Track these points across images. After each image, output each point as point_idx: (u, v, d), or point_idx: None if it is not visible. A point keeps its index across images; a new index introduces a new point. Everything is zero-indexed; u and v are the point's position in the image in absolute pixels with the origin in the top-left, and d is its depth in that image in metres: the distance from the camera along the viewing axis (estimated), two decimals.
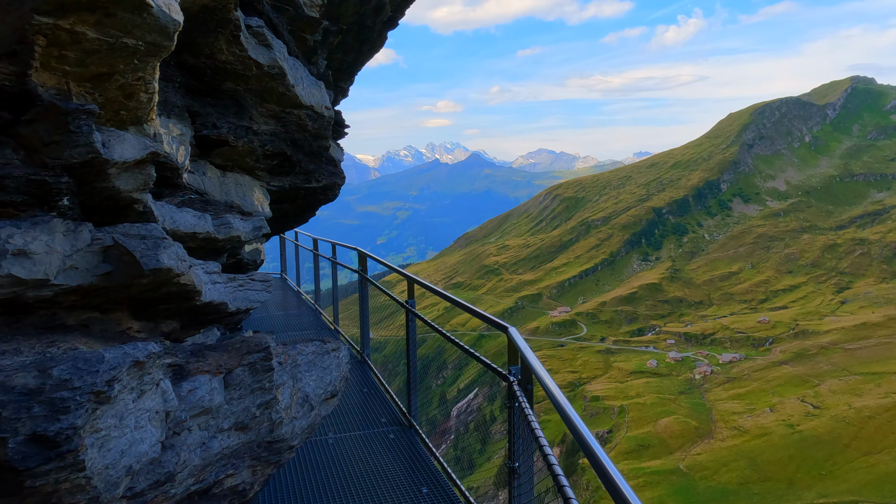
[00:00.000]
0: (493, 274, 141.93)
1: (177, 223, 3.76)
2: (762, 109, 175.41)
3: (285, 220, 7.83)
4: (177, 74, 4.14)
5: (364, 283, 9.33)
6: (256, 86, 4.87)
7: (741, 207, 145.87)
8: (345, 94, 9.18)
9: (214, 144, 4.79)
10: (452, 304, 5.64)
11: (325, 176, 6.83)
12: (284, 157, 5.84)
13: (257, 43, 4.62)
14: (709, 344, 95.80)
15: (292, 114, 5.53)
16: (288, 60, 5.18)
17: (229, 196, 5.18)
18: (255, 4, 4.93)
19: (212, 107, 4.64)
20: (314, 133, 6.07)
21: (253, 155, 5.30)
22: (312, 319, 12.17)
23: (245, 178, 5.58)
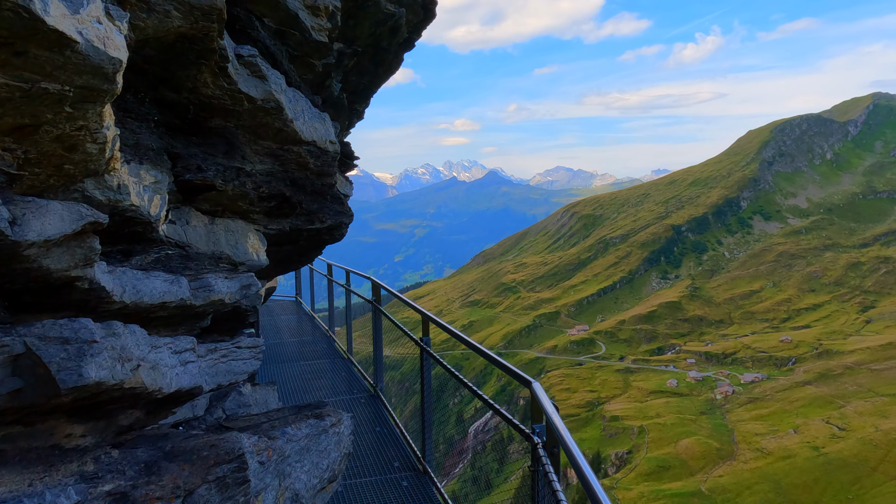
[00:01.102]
0: (510, 292, 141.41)
1: (141, 293, 3.20)
2: (782, 126, 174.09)
3: (288, 262, 7.38)
4: (153, 112, 3.78)
5: (378, 313, 8.92)
6: (249, 122, 4.50)
7: (762, 225, 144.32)
8: (360, 117, 8.95)
9: (200, 189, 4.37)
10: (473, 349, 5.18)
11: (331, 216, 6.40)
12: (283, 198, 5.42)
13: (249, 74, 4.24)
14: (730, 363, 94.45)
15: (291, 151, 5.17)
16: (286, 92, 4.84)
17: (218, 245, 4.78)
18: (249, 31, 4.58)
19: (197, 147, 4.27)
20: (317, 171, 5.66)
21: (246, 199, 4.89)
22: (326, 347, 11.99)
23: (238, 223, 5.18)
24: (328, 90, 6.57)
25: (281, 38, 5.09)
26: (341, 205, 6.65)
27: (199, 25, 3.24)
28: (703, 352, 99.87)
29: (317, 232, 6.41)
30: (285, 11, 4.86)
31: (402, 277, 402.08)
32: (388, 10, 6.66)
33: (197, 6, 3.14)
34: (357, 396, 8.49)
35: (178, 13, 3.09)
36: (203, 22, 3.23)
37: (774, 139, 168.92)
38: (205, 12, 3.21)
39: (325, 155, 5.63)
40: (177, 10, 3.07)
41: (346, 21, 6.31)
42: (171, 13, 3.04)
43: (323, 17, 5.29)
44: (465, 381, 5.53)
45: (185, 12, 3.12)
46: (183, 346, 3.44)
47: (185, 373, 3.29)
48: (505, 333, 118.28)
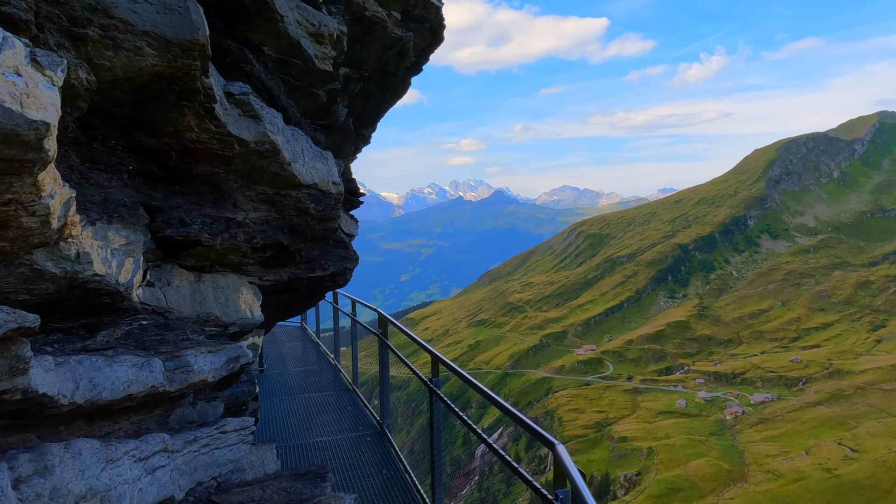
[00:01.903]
0: (517, 311, 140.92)
1: (99, 388, 2.55)
2: (788, 145, 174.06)
3: (287, 309, 6.97)
4: (128, 161, 3.33)
5: (384, 347, 8.45)
6: (241, 167, 4.09)
7: (769, 244, 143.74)
8: (367, 142, 8.76)
9: (183, 246, 3.93)
10: (492, 403, 4.48)
11: (334, 262, 6.00)
12: (280, 248, 5.03)
13: (241, 114, 3.86)
14: (739, 383, 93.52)
15: (289, 196, 4.76)
16: (283, 132, 4.47)
17: (205, 306, 4.38)
18: (242, 65, 4.21)
19: (181, 197, 3.83)
20: (318, 215, 5.24)
21: (237, 252, 4.48)
22: (331, 377, 11.74)
23: (228, 277, 4.77)
24: (334, 116, 6.31)
25: (282, 68, 4.77)
26: (345, 249, 6.24)
27: (178, 63, 2.88)
28: (712, 372, 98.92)
29: (319, 280, 5.99)
30: (286, 40, 4.56)
31: (409, 297, 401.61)
32: (396, 35, 6.58)
33: (175, 42, 2.79)
34: (363, 434, 8.19)
35: (152, 50, 2.73)
36: (183, 59, 2.88)
37: (781, 158, 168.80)
38: (185, 48, 2.86)
39: (327, 198, 5.21)
40: (150, 47, 2.71)
41: (353, 46, 6.19)
42: (143, 50, 2.68)
43: (327, 44, 5.01)
44: (485, 437, 4.76)
45: (161, 49, 2.76)
46: (150, 448, 2.85)
47: (152, 483, 2.77)
48: (512, 353, 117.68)
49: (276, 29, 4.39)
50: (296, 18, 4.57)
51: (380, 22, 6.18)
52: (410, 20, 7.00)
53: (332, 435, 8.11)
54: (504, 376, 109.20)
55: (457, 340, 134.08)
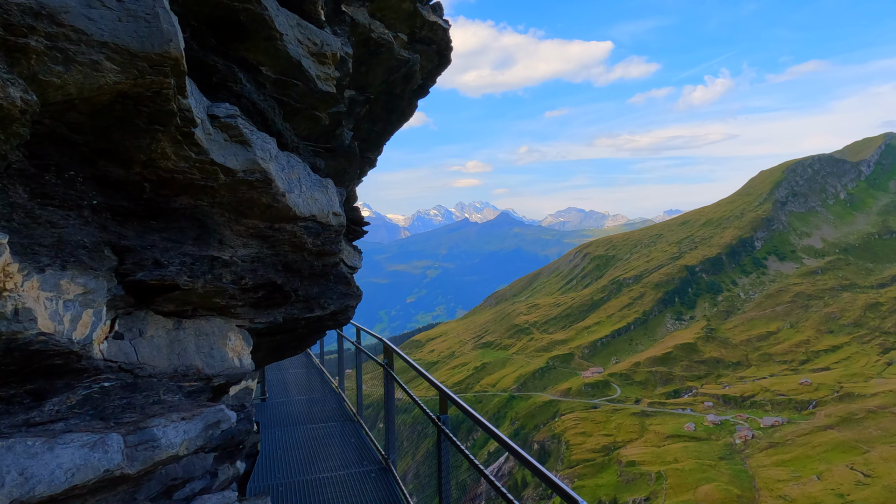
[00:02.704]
0: (523, 333, 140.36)
1: (32, 482, 2.13)
2: (794, 167, 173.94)
3: (284, 349, 6.54)
4: (91, 194, 2.90)
5: (390, 379, 8.10)
6: (228, 198, 3.69)
7: (777, 265, 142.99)
8: (372, 165, 8.56)
9: (159, 290, 3.52)
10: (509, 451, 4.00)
11: (334, 300, 5.61)
12: (273, 287, 4.64)
13: (227, 139, 3.50)
14: (748, 407, 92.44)
15: (284, 230, 4.37)
16: (278, 158, 4.11)
17: (184, 357, 3.93)
18: (230, 84, 3.86)
19: (156, 234, 3.41)
20: (317, 251, 4.88)
21: (223, 294, 4.07)
22: (335, 406, 11.48)
23: (214, 321, 4.34)
24: (339, 139, 6.09)
25: (281, 90, 4.49)
26: (347, 284, 5.85)
27: (147, 81, 2.51)
28: (721, 395, 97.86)
29: (318, 319, 5.59)
30: (286, 60, 4.27)
31: (415, 319, 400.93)
32: (402, 57, 6.50)
33: (141, 55, 2.41)
34: (367, 469, 7.89)
35: (113, 65, 2.34)
36: (152, 76, 2.51)
37: (787, 179, 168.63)
38: (154, 63, 2.48)
39: (326, 230, 4.83)
40: (111, 61, 2.33)
41: (359, 68, 6.08)
42: (101, 65, 2.30)
43: (330, 64, 4.74)
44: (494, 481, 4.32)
45: (124, 63, 2.38)
46: None
47: None
48: (518, 375, 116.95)
49: (274, 48, 4.13)
50: (296, 37, 4.32)
51: (386, 44, 6.13)
52: (417, 42, 6.95)
53: (335, 471, 7.83)
54: (510, 399, 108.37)
55: (463, 363, 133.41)
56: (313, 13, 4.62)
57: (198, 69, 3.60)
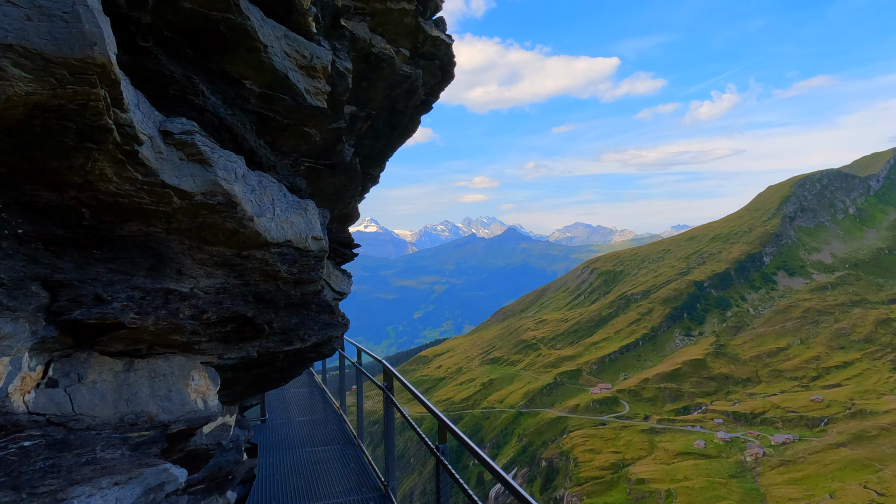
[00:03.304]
0: (530, 349, 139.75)
1: None
2: (802, 182, 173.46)
3: (264, 383, 5.95)
4: (17, 222, 2.59)
5: (389, 403, 7.83)
6: (187, 224, 3.34)
7: (786, 281, 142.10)
8: (375, 182, 8.43)
9: (100, 330, 3.11)
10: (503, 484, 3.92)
11: (316, 331, 5.21)
12: (242, 320, 4.28)
13: (183, 159, 3.17)
14: (759, 424, 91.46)
15: (253, 258, 3.99)
16: (246, 179, 3.74)
17: (135, 402, 3.49)
18: (190, 97, 3.50)
19: (101, 265, 3.05)
20: (293, 279, 4.48)
21: (181, 331, 3.65)
22: (336, 429, 11.29)
23: (174, 360, 3.91)
24: (339, 155, 5.95)
25: (267, 104, 4.23)
26: (331, 314, 5.41)
27: (69, 92, 2.17)
28: (731, 411, 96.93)
29: (298, 352, 5.18)
30: (272, 73, 3.99)
31: (422, 334, 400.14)
32: (404, 72, 6.35)
33: (58, 61, 2.08)
34: (366, 497, 7.69)
35: (23, 72, 2.03)
36: (74, 86, 2.17)
37: (795, 194, 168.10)
38: (75, 71, 2.14)
39: (304, 257, 4.45)
40: (18, 67, 2.01)
41: (359, 83, 5.89)
42: (6, 72, 1.99)
43: (320, 78, 4.47)
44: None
45: (37, 71, 2.06)
46: None
47: None
48: (526, 392, 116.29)
49: (258, 60, 3.85)
50: (283, 49, 4.07)
51: (387, 59, 5.99)
52: (420, 57, 6.82)
53: (334, 498, 7.65)
54: (518, 415, 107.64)
55: (470, 378, 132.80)
56: (302, 24, 4.36)
57: (151, 79, 3.29)
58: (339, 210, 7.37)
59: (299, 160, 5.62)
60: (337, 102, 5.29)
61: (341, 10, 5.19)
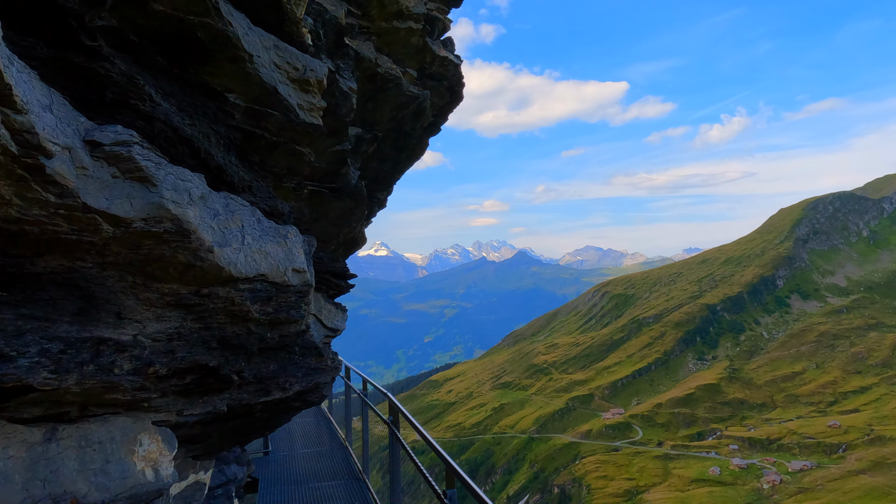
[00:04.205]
0: (542, 373, 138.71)
1: None
2: (814, 204, 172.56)
3: (245, 433, 5.16)
4: None
5: (395, 440, 7.33)
6: (127, 257, 2.81)
7: (800, 304, 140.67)
8: (382, 205, 8.12)
9: (3, 394, 2.59)
10: None
11: (299, 378, 4.58)
12: (204, 371, 3.60)
13: (116, 176, 2.64)
14: (775, 450, 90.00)
15: (216, 296, 3.37)
16: (207, 201, 3.18)
17: (57, 481, 2.82)
18: (133, 102, 2.92)
19: (8, 311, 2.52)
20: (268, 320, 3.87)
21: (118, 390, 3.03)
22: (341, 462, 10.85)
23: (114, 423, 3.24)
24: (344, 178, 5.67)
25: (254, 120, 3.84)
26: (318, 357, 4.74)
27: None
28: (747, 437, 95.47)
29: (279, 402, 4.54)
30: (259, 85, 3.60)
31: (432, 358, 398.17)
32: (411, 93, 6.16)
33: None
34: None
35: None
36: None
37: (807, 217, 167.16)
38: None
39: (283, 293, 3.84)
40: None
41: (365, 104, 5.69)
42: None
43: (314, 93, 4.11)
44: None
45: None
46: None
47: None
48: (537, 417, 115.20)
49: (243, 71, 3.46)
50: (272, 60, 3.70)
51: (394, 79, 5.80)
52: (427, 78, 6.64)
53: None
54: (529, 441, 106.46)
55: (481, 403, 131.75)
56: (295, 35, 3.99)
57: (82, 80, 2.75)
58: (345, 235, 7.18)
59: (302, 183, 5.38)
60: (341, 123, 5.08)
61: (345, 28, 4.98)
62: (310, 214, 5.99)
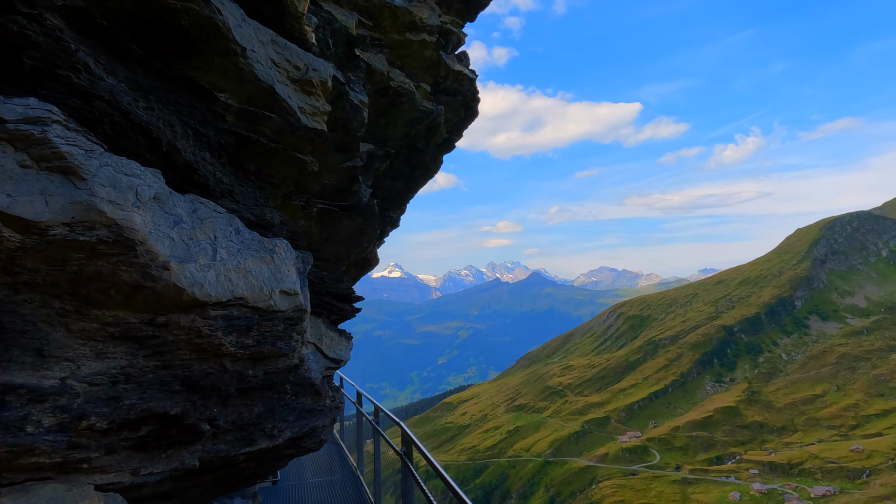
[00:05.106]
0: (557, 395, 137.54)
1: None
2: (832, 224, 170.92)
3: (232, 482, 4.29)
4: None
5: (408, 474, 6.64)
6: (46, 275, 2.15)
7: (819, 325, 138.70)
8: (394, 225, 7.74)
9: None
10: None
11: (291, 422, 3.82)
12: (164, 420, 2.85)
13: (26, 165, 2.00)
14: (797, 475, 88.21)
15: (176, 325, 2.66)
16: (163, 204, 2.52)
17: None
18: (59, 71, 2.31)
19: None
20: (247, 354, 3.14)
21: (35, 453, 2.31)
22: (352, 492, 10.39)
23: (41, 491, 2.46)
24: (355, 196, 5.34)
25: (249, 124, 3.37)
26: (314, 395, 4.02)
27: None
28: (767, 461, 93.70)
29: (267, 451, 3.77)
30: (254, 84, 3.16)
31: (446, 380, 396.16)
32: (425, 108, 5.92)
33: None
34: None
35: None
36: None
37: (825, 237, 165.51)
38: None
39: (268, 320, 3.18)
40: None
41: (377, 119, 5.45)
42: None
43: (318, 95, 3.68)
44: None
45: None
46: None
47: None
48: (553, 440, 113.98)
49: (235, 67, 3.02)
50: (269, 56, 3.26)
51: (407, 94, 5.56)
52: (442, 93, 6.44)
53: None
54: (545, 464, 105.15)
55: (495, 426, 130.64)
56: (297, 31, 3.56)
57: None
58: (357, 255, 6.84)
59: (311, 201, 5.09)
60: (352, 138, 4.77)
61: (356, 39, 4.74)
62: (319, 234, 5.66)
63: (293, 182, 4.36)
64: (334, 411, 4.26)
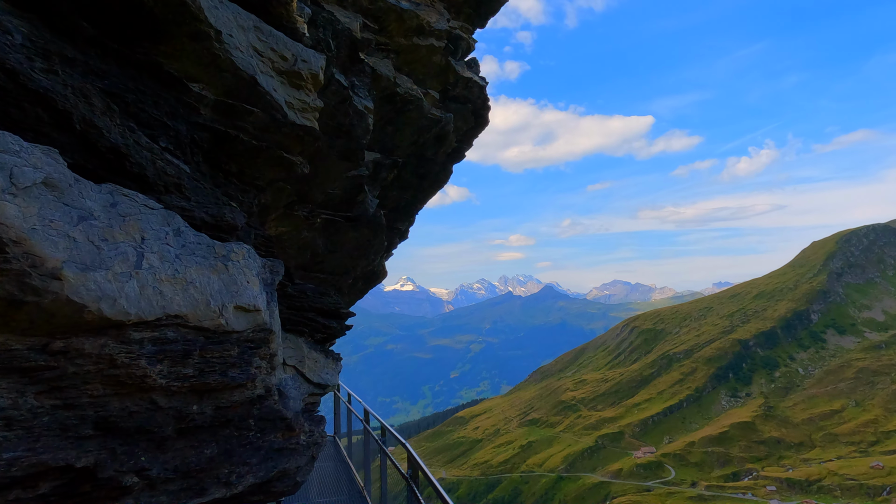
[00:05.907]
0: (570, 410, 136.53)
1: None
2: (848, 237, 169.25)
3: None
4: None
5: (414, 499, 6.18)
6: None
7: (836, 339, 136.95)
8: (403, 237, 7.49)
9: None
10: None
11: (254, 465, 3.13)
12: (72, 475, 2.19)
13: None
14: (816, 492, 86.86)
15: (79, 352, 2.07)
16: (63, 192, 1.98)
17: None
18: None
19: None
20: (187, 387, 2.55)
21: None
22: None
23: None
24: (361, 206, 5.07)
25: (228, 118, 2.94)
26: (287, 430, 3.35)
27: None
28: (784, 478, 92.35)
29: (226, 501, 3.13)
30: (232, 73, 2.74)
31: (458, 394, 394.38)
32: (433, 116, 5.65)
33: None
34: None
35: None
36: None
37: (841, 250, 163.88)
38: None
39: (214, 344, 2.59)
40: None
41: (384, 127, 5.20)
42: None
43: (308, 89, 3.28)
44: None
45: None
46: None
47: None
48: (566, 455, 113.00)
49: (209, 53, 2.59)
50: (251, 44, 2.84)
51: (414, 101, 5.30)
52: (451, 100, 6.19)
53: None
54: (558, 480, 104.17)
55: (508, 441, 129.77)
56: (285, 17, 3.15)
57: None
58: (363, 268, 6.57)
59: (314, 211, 4.83)
60: (356, 146, 4.48)
61: (360, 42, 4.42)
62: (324, 245, 5.38)
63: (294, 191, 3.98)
64: (312, 448, 3.53)
